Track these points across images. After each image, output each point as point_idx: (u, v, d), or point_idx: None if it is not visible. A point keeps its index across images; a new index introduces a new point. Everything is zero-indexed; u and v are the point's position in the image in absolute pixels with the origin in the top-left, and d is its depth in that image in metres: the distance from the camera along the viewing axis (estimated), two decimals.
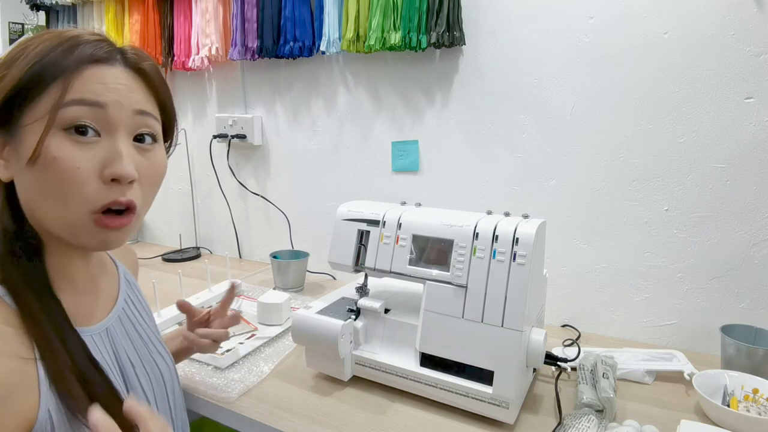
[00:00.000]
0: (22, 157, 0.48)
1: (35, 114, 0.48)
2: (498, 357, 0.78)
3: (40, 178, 0.48)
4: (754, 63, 0.95)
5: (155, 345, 0.68)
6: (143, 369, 0.64)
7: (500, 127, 1.21)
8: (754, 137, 0.98)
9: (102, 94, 0.49)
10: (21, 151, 0.48)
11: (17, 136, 0.49)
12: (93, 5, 1.73)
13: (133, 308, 0.68)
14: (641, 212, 1.09)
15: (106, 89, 0.50)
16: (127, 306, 0.67)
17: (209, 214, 1.74)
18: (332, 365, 0.90)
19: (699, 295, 1.07)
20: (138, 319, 0.68)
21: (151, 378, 0.65)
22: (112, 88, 0.50)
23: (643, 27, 1.03)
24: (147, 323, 0.69)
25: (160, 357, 0.68)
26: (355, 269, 0.93)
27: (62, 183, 0.48)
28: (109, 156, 0.50)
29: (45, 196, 0.49)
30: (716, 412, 0.79)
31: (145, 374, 0.64)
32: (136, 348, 0.65)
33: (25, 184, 0.50)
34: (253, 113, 1.57)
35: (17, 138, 0.49)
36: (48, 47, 0.49)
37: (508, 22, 1.16)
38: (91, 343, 0.56)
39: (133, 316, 0.67)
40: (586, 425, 0.77)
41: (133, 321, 0.66)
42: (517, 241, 0.78)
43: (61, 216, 0.50)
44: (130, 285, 0.70)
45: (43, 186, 0.49)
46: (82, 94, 0.48)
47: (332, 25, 1.31)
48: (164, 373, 0.67)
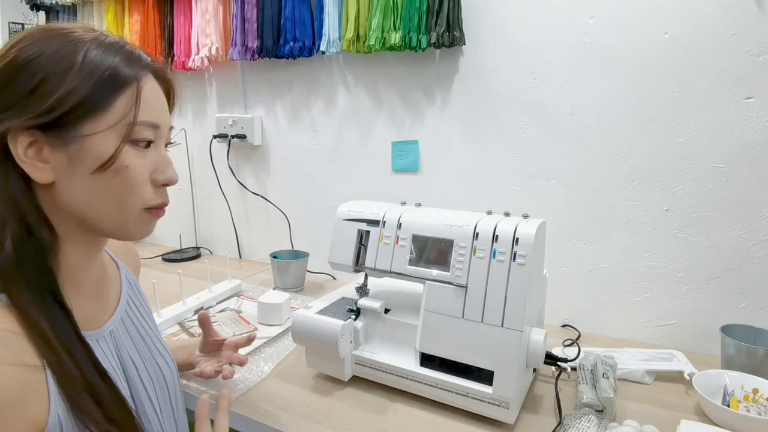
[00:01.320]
0: (87, 164, 0.51)
1: (100, 125, 0.51)
2: (498, 357, 0.78)
3: (106, 184, 0.52)
4: (754, 63, 0.95)
5: (156, 346, 0.68)
6: (146, 370, 0.64)
7: (500, 127, 1.21)
8: (754, 137, 0.98)
9: (160, 116, 0.56)
10: (85, 158, 0.51)
11: (75, 143, 0.50)
12: (93, 5, 1.73)
13: (135, 309, 0.68)
14: (641, 212, 1.09)
15: (158, 106, 0.56)
16: (129, 307, 0.67)
17: (209, 214, 1.74)
18: (332, 365, 0.90)
19: (699, 295, 1.07)
20: (140, 320, 0.68)
21: (153, 379, 0.65)
22: (161, 103, 0.57)
23: (643, 27, 1.03)
24: (148, 324, 0.70)
25: (161, 358, 0.68)
26: (355, 269, 0.93)
27: (128, 187, 0.54)
28: (158, 162, 0.57)
29: (107, 199, 0.53)
30: (716, 412, 0.79)
31: (148, 375, 0.64)
32: (138, 349, 0.65)
33: (81, 187, 0.52)
34: (253, 113, 1.57)
35: (75, 146, 0.50)
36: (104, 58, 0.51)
37: (508, 22, 1.16)
38: (96, 348, 0.56)
39: (135, 318, 0.67)
40: (586, 425, 0.77)
41: (135, 322, 0.67)
42: (517, 241, 0.78)
43: (119, 215, 0.55)
44: (131, 286, 0.70)
45: (108, 190, 0.53)
46: (147, 115, 0.54)
47: (332, 25, 1.31)
48: (166, 373, 0.68)
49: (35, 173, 0.50)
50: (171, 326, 1.11)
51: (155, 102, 0.55)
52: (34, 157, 0.50)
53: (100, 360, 0.55)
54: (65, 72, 0.49)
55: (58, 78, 0.49)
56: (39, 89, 0.48)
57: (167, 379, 0.67)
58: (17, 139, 0.49)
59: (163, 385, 0.67)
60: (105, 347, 0.59)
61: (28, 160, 0.50)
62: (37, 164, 0.50)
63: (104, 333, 0.59)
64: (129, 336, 0.64)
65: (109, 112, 0.51)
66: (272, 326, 1.12)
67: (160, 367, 0.67)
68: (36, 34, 0.51)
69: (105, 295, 0.63)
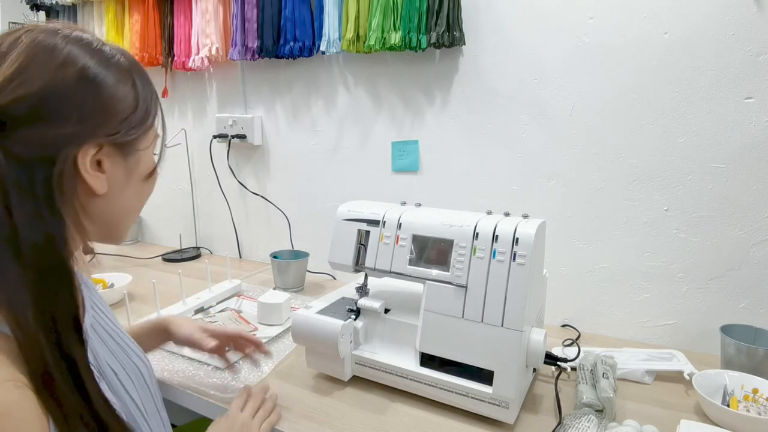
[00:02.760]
0: (141, 173, 0.59)
1: (149, 140, 0.60)
2: (498, 357, 0.78)
3: (147, 190, 0.62)
4: (754, 63, 0.95)
5: (130, 346, 0.67)
6: (125, 373, 0.63)
7: (500, 127, 1.21)
8: (754, 137, 0.98)
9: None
10: (139, 169, 0.59)
11: (134, 156, 0.57)
12: (93, 5, 1.73)
13: (99, 312, 0.66)
14: (641, 212, 1.09)
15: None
16: (94, 312, 0.65)
17: (209, 214, 1.74)
18: (332, 365, 0.90)
19: (699, 295, 1.07)
20: (106, 321, 0.66)
21: (134, 381, 0.64)
22: None
23: (643, 27, 1.03)
24: (114, 324, 0.68)
25: (137, 357, 0.67)
26: (355, 269, 0.93)
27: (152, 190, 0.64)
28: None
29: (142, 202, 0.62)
30: (716, 412, 0.79)
31: (128, 378, 0.63)
32: (113, 353, 0.63)
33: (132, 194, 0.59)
34: (253, 113, 1.57)
35: (134, 158, 0.57)
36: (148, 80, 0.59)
37: (508, 22, 1.16)
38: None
39: (102, 321, 0.65)
40: (586, 425, 0.77)
41: (104, 326, 0.65)
42: (517, 241, 0.78)
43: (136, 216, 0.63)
44: (89, 289, 0.67)
45: (147, 194, 0.63)
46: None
47: (332, 25, 1.31)
48: (143, 372, 0.66)
49: (97, 184, 0.53)
50: None
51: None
52: (95, 167, 0.53)
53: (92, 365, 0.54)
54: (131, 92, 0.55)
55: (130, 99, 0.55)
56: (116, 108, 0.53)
57: (146, 378, 0.66)
58: (88, 152, 0.51)
59: (143, 384, 0.65)
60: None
61: (92, 172, 0.52)
62: (99, 176, 0.53)
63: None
64: (101, 340, 0.62)
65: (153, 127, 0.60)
66: (272, 326, 1.12)
67: (137, 367, 0.66)
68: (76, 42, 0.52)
69: None
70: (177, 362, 0.97)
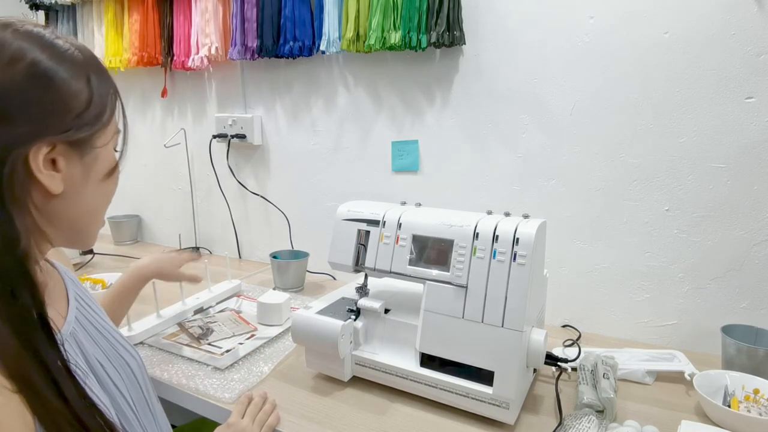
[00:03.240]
0: (99, 172, 0.56)
1: (107, 136, 0.56)
2: (498, 357, 0.78)
3: (108, 189, 0.59)
4: (754, 63, 0.95)
5: (117, 339, 0.67)
6: (113, 368, 0.63)
7: (500, 127, 1.21)
8: (754, 137, 0.97)
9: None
10: (97, 167, 0.56)
11: (91, 154, 0.54)
12: (93, 5, 1.73)
13: (86, 306, 0.66)
14: (641, 212, 1.09)
15: None
16: (79, 305, 0.65)
17: (209, 214, 1.74)
18: (332, 365, 0.90)
19: (699, 295, 1.07)
20: (93, 316, 0.66)
21: (122, 374, 0.64)
22: None
23: (643, 27, 1.03)
24: (103, 318, 0.68)
25: (125, 350, 0.67)
26: (355, 269, 0.93)
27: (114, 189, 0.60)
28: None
29: (106, 202, 0.59)
30: (717, 412, 0.79)
31: (116, 372, 0.63)
32: (100, 347, 0.63)
33: (91, 195, 0.56)
34: (253, 113, 1.56)
35: (91, 156, 0.55)
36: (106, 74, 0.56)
37: (508, 22, 1.15)
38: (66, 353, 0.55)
39: (89, 315, 0.65)
40: (586, 425, 0.77)
41: (90, 319, 0.65)
42: (517, 241, 0.78)
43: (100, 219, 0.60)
44: (74, 283, 0.68)
45: (108, 194, 0.59)
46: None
47: (332, 24, 1.31)
48: (133, 366, 0.66)
49: (52, 184, 0.51)
50: (171, 326, 1.11)
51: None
52: (49, 166, 0.51)
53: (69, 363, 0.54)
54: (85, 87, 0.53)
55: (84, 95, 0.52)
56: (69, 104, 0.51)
57: (135, 371, 0.66)
58: (40, 151, 0.49)
59: (131, 377, 0.65)
60: (71, 351, 0.57)
61: (45, 171, 0.50)
62: (54, 175, 0.51)
63: (65, 337, 0.58)
64: (89, 335, 0.63)
65: (111, 124, 0.56)
66: (272, 326, 1.12)
67: (125, 360, 0.65)
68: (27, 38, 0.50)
69: (55, 297, 0.62)
70: (177, 362, 0.97)
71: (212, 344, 1.04)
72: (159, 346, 1.03)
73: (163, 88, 1.71)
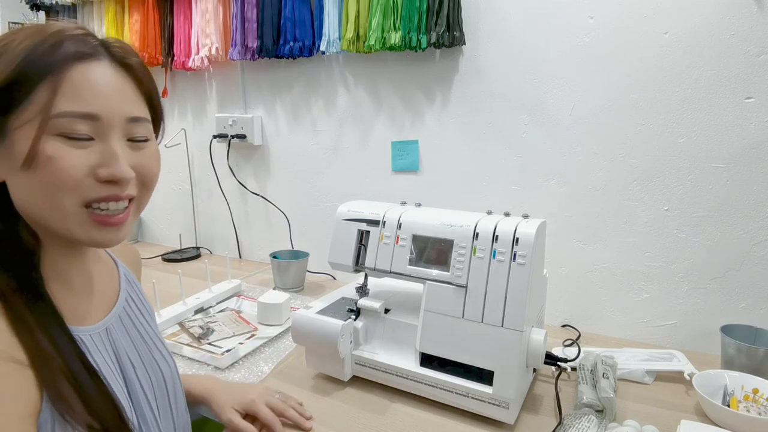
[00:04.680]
0: (16, 159, 0.48)
1: (24, 117, 0.47)
2: (498, 357, 0.78)
3: (36, 179, 0.48)
4: (754, 63, 0.95)
5: (156, 345, 0.68)
6: (144, 369, 0.64)
7: (500, 127, 1.21)
8: (754, 137, 0.98)
9: (93, 103, 0.49)
10: (14, 154, 0.48)
11: (7, 138, 0.48)
12: (93, 5, 1.73)
13: (135, 308, 0.67)
14: (641, 212, 1.09)
15: (97, 95, 0.50)
16: (128, 305, 0.66)
17: (209, 214, 1.74)
18: (332, 365, 0.90)
19: (699, 295, 1.07)
20: (139, 318, 0.67)
21: (152, 378, 0.64)
22: (102, 92, 0.50)
23: (643, 27, 1.03)
24: (149, 323, 0.69)
25: (161, 357, 0.67)
26: (355, 269, 0.93)
27: (58, 181, 0.48)
28: (103, 156, 0.50)
29: (42, 195, 0.49)
30: (716, 412, 0.79)
31: (146, 374, 0.64)
32: (137, 348, 0.64)
33: (19, 185, 0.49)
34: (253, 113, 1.57)
35: (7, 141, 0.48)
36: (31, 44, 0.47)
37: (508, 22, 1.16)
38: (90, 343, 0.56)
39: (135, 316, 0.66)
40: (586, 425, 0.77)
41: (135, 321, 0.66)
42: (517, 241, 0.78)
43: (56, 213, 0.50)
44: (131, 284, 0.69)
45: (39, 186, 0.49)
46: (74, 105, 0.48)
47: (332, 25, 1.31)
48: (165, 373, 0.67)
49: None
50: (171, 326, 1.11)
51: (96, 90, 0.50)
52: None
53: (93, 356, 0.55)
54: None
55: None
56: None
57: (166, 378, 0.67)
58: None
59: (162, 384, 0.66)
60: (99, 344, 0.58)
61: None
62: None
63: (99, 330, 0.59)
64: (127, 334, 0.63)
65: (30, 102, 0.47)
66: (272, 326, 1.12)
67: (159, 366, 0.66)
68: None
69: (100, 292, 0.62)
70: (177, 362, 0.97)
71: (212, 344, 1.04)
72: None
73: (164, 88, 1.71)
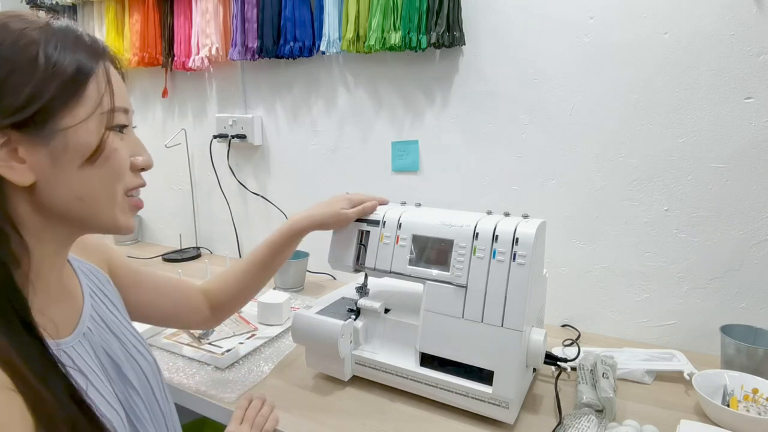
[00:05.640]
0: (76, 156, 0.49)
1: (79, 114, 0.49)
2: (498, 357, 0.78)
3: (98, 173, 0.51)
4: (754, 63, 0.95)
5: (130, 341, 0.66)
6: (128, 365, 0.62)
7: (500, 127, 1.21)
8: (754, 137, 0.98)
9: (125, 100, 0.55)
10: (71, 151, 0.49)
11: (57, 138, 0.48)
12: (93, 5, 1.73)
13: (99, 301, 0.65)
14: (641, 212, 1.09)
15: (122, 89, 0.55)
16: (94, 301, 0.63)
17: (209, 214, 1.74)
18: (332, 365, 0.90)
19: (699, 295, 1.07)
20: (108, 314, 0.65)
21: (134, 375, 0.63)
22: (123, 87, 0.56)
23: (643, 27, 1.03)
24: (119, 319, 0.66)
25: (137, 352, 0.65)
26: (355, 269, 0.93)
27: (116, 174, 0.53)
28: (134, 147, 0.56)
29: (100, 189, 0.52)
30: (716, 412, 0.79)
31: (130, 371, 0.62)
32: (112, 344, 0.62)
33: (71, 182, 0.50)
34: (253, 113, 1.57)
35: (56, 140, 0.48)
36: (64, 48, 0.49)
37: (508, 22, 1.16)
38: (74, 355, 0.54)
39: (104, 313, 0.64)
40: (586, 425, 0.77)
41: (105, 318, 0.64)
42: (517, 241, 0.78)
43: (110, 204, 0.53)
44: (89, 275, 0.66)
45: (100, 179, 0.51)
46: (120, 102, 0.53)
47: (332, 25, 1.31)
48: (144, 368, 0.65)
49: (13, 176, 0.47)
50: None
51: (121, 88, 0.55)
52: (9, 158, 0.47)
53: (79, 366, 0.54)
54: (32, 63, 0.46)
55: (27, 71, 0.46)
56: (7, 83, 0.45)
57: (148, 375, 0.65)
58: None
59: (144, 381, 0.64)
60: (82, 351, 0.56)
61: (4, 163, 0.46)
62: (15, 165, 0.47)
63: (78, 337, 0.57)
64: (102, 331, 0.61)
65: (83, 101, 0.49)
66: (272, 326, 1.12)
67: (138, 363, 0.64)
68: None
69: (69, 293, 0.60)
70: (177, 362, 0.98)
71: (213, 344, 1.04)
72: (159, 346, 1.03)
73: (164, 88, 1.71)
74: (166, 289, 0.80)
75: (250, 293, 0.88)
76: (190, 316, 0.84)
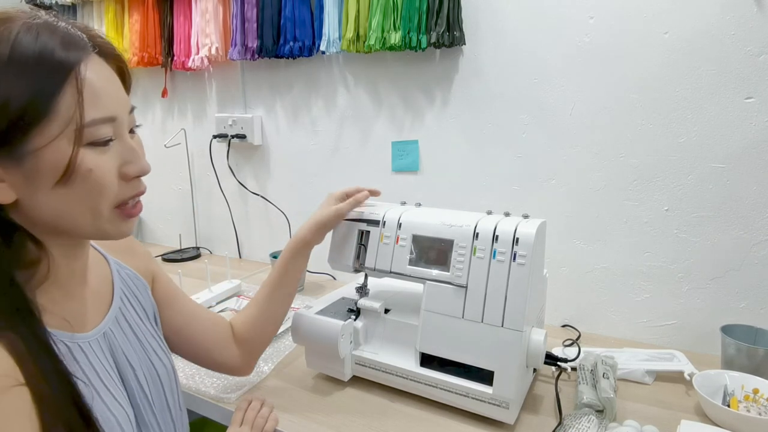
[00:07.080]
0: (47, 177, 0.47)
1: (50, 132, 0.46)
2: (498, 357, 0.78)
3: (73, 192, 0.48)
4: (754, 63, 0.95)
5: (151, 344, 0.67)
6: (141, 370, 0.63)
7: (500, 127, 1.21)
8: (754, 137, 0.97)
9: (111, 106, 0.50)
10: (41, 173, 0.47)
11: (26, 159, 0.46)
12: (93, 5, 1.73)
13: (129, 306, 0.66)
14: (641, 212, 1.09)
15: (109, 95, 0.50)
16: (123, 305, 0.65)
17: (209, 214, 1.74)
18: (332, 365, 0.90)
19: (699, 295, 1.07)
20: (135, 319, 0.66)
21: (149, 380, 0.64)
22: (110, 90, 0.51)
23: (644, 27, 1.03)
24: (144, 323, 0.67)
25: (157, 358, 0.66)
26: (355, 269, 0.93)
27: (96, 191, 0.49)
28: (125, 155, 0.52)
29: (78, 207, 0.50)
30: (716, 412, 0.79)
31: (144, 375, 0.63)
32: (133, 348, 0.63)
33: (48, 202, 0.49)
34: (253, 113, 1.57)
35: (28, 161, 0.46)
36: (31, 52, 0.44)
37: (508, 22, 1.16)
38: (88, 351, 0.55)
39: (131, 317, 0.65)
40: (586, 425, 0.77)
41: (130, 321, 0.65)
42: (517, 241, 0.78)
43: (93, 220, 0.51)
44: (124, 281, 0.67)
45: (76, 198, 0.49)
46: (98, 110, 0.48)
47: (332, 25, 1.31)
48: (161, 374, 0.66)
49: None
50: None
51: (106, 89, 0.49)
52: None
53: (92, 362, 0.55)
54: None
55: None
56: None
57: (163, 380, 0.66)
58: None
59: (158, 386, 0.65)
60: (97, 349, 0.57)
61: None
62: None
63: (96, 335, 0.58)
64: (124, 335, 0.63)
65: (54, 116, 0.45)
66: None
67: (155, 368, 0.65)
68: None
69: (97, 294, 0.61)
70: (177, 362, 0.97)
71: None
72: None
73: (164, 88, 1.71)
74: (198, 316, 0.80)
75: (272, 320, 0.86)
76: (219, 351, 0.81)
